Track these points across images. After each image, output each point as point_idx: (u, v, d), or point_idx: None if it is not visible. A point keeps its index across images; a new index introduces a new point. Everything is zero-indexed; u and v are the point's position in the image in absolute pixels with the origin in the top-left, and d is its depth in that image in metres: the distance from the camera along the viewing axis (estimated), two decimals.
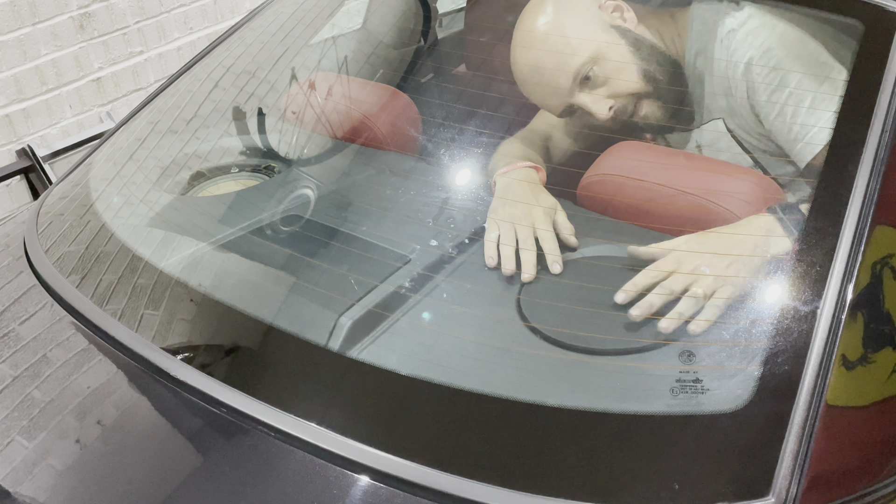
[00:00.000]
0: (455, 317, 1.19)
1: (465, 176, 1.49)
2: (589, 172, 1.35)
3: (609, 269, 1.21)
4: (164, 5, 3.55)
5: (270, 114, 1.72)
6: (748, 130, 1.39)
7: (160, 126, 1.68)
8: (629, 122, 1.46)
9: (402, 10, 2.00)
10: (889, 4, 1.24)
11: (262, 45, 1.79)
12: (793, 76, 1.31)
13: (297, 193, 1.48)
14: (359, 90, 1.72)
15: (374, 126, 1.57)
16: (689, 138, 1.47)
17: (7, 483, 1.07)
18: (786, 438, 0.95)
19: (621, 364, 1.08)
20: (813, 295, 1.03)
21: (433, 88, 1.89)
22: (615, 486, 0.96)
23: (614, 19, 1.46)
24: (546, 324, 1.13)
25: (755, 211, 1.20)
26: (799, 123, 1.28)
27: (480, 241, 1.27)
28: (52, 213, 1.56)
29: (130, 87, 3.52)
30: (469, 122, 1.55)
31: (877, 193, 1.08)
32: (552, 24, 1.45)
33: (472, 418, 1.06)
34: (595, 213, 1.31)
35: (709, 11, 1.45)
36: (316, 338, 1.16)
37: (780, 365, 1.00)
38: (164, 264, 1.34)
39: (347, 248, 1.32)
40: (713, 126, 1.43)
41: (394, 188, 1.45)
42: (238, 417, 1.08)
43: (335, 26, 1.90)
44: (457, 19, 2.16)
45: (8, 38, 3.08)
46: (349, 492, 0.99)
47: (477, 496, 0.96)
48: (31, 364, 1.24)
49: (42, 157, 3.17)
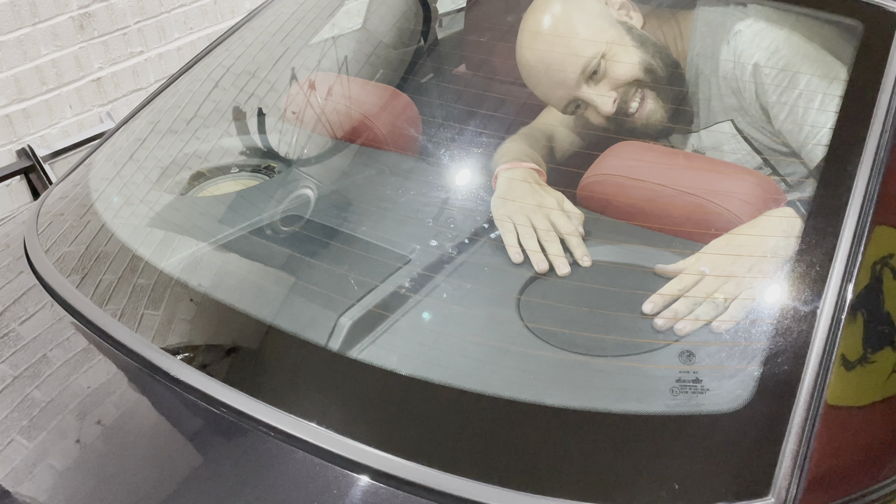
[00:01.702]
0: (455, 317, 1.19)
1: (465, 176, 1.49)
2: (589, 172, 1.35)
3: (609, 269, 1.21)
4: (165, 5, 3.55)
5: (270, 114, 1.71)
6: (759, 130, 1.40)
7: (160, 126, 1.68)
8: (634, 123, 1.46)
9: (402, 10, 2.00)
10: (889, 4, 1.24)
11: (262, 46, 1.79)
12: (798, 76, 1.31)
13: (297, 193, 1.48)
14: (359, 90, 1.72)
15: (374, 126, 1.57)
16: (696, 138, 1.48)
17: (7, 483, 1.07)
18: (786, 438, 0.95)
19: (621, 364, 1.08)
20: (813, 295, 1.03)
21: (433, 88, 1.89)
22: (615, 486, 0.96)
23: (621, 16, 1.48)
24: (546, 324, 1.13)
25: (755, 211, 1.20)
26: (807, 124, 1.28)
27: (480, 241, 1.27)
28: (52, 213, 1.56)
29: (130, 87, 3.52)
30: (469, 122, 1.55)
31: (877, 193, 1.08)
32: (561, 17, 1.46)
33: (472, 418, 1.06)
34: (595, 214, 1.31)
35: (714, 13, 1.46)
36: (316, 338, 1.16)
37: (779, 365, 1.00)
38: (164, 264, 1.34)
39: (347, 248, 1.32)
40: (721, 127, 1.43)
41: (394, 188, 1.45)
42: (238, 417, 1.08)
43: (335, 26, 1.90)
44: (457, 19, 2.16)
45: (8, 38, 3.08)
46: (349, 492, 0.99)
47: (477, 496, 0.96)
48: (31, 364, 1.24)
49: (42, 157, 3.17)
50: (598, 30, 1.45)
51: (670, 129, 1.50)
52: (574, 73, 1.44)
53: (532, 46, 1.47)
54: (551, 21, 1.46)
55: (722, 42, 1.41)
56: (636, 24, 1.48)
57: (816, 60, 1.31)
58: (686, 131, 1.49)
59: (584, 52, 1.43)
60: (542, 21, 1.47)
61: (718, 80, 1.42)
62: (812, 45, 1.33)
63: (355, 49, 1.92)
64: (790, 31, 1.35)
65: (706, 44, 1.45)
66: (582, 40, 1.44)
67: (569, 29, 1.45)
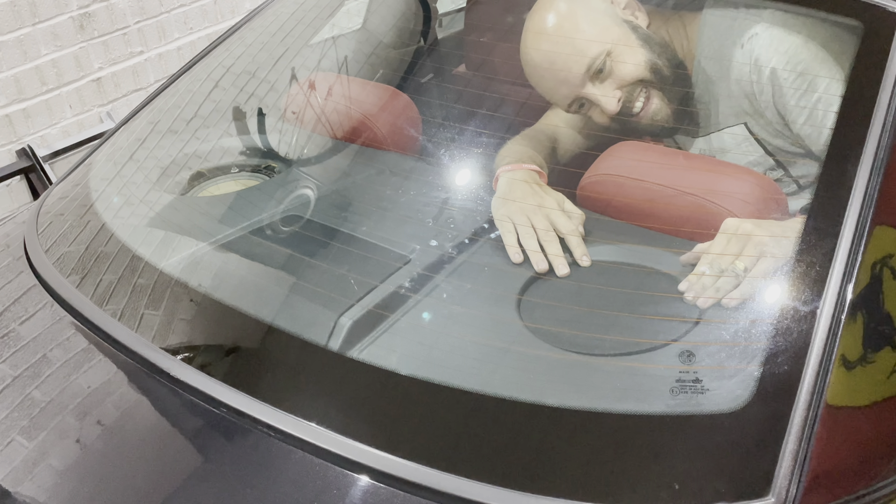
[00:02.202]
0: (455, 317, 1.19)
1: (465, 176, 1.49)
2: (589, 172, 1.35)
3: (609, 269, 1.21)
4: (165, 5, 3.55)
5: (270, 114, 1.71)
6: (774, 133, 1.39)
7: (160, 126, 1.68)
8: (639, 122, 1.46)
9: (402, 10, 2.00)
10: (889, 4, 1.24)
11: (262, 46, 1.79)
12: (818, 80, 1.31)
13: (297, 193, 1.48)
14: (359, 90, 1.72)
15: (374, 126, 1.57)
16: (705, 140, 1.48)
17: (7, 483, 1.07)
18: (786, 438, 0.95)
19: (621, 364, 1.08)
20: (813, 295, 1.03)
21: (433, 88, 1.89)
22: (615, 486, 0.96)
23: (626, 15, 1.48)
24: (546, 324, 1.13)
25: (755, 211, 1.20)
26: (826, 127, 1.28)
27: (480, 241, 1.27)
28: (52, 213, 1.56)
29: (130, 87, 3.52)
30: (469, 123, 1.55)
31: (877, 193, 1.08)
32: (566, 15, 1.47)
33: (472, 418, 1.06)
34: (595, 214, 1.31)
35: (723, 16, 1.46)
36: (316, 338, 1.16)
37: (779, 365, 1.00)
38: (164, 264, 1.34)
39: (347, 248, 1.32)
40: (734, 130, 1.43)
41: (394, 188, 1.45)
42: (238, 417, 1.08)
43: (335, 26, 1.90)
44: (457, 19, 2.16)
45: (8, 38, 3.08)
46: (349, 492, 0.99)
47: (477, 496, 0.96)
48: (31, 364, 1.24)
49: (42, 157, 3.17)
50: (604, 28, 1.45)
51: (675, 129, 1.50)
52: (579, 71, 1.44)
53: (537, 45, 1.47)
54: (556, 19, 1.46)
55: (735, 45, 1.40)
56: (641, 24, 1.48)
57: (830, 63, 1.31)
58: (692, 133, 1.49)
59: (589, 50, 1.43)
60: (547, 19, 1.47)
61: (730, 82, 1.42)
62: (825, 49, 1.32)
63: (355, 49, 1.92)
64: (806, 35, 1.35)
65: (715, 46, 1.44)
66: (587, 39, 1.43)
67: (573, 27, 1.45)
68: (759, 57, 1.36)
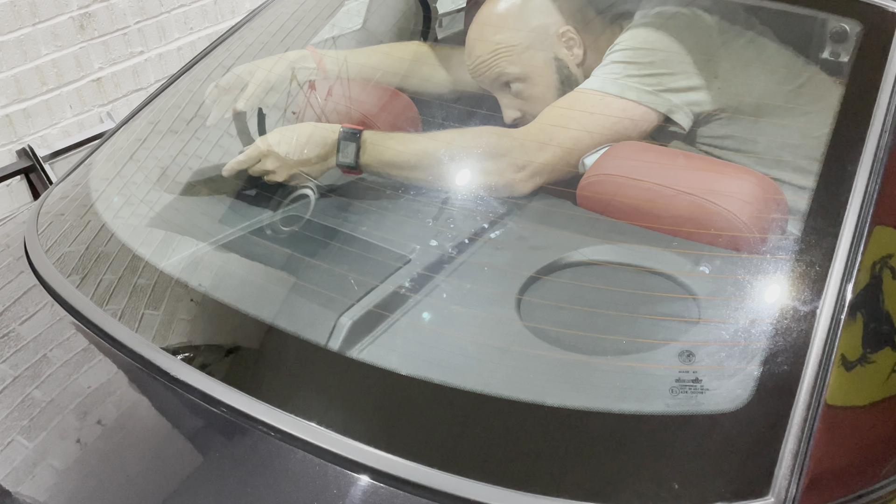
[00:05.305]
0: (455, 317, 1.19)
1: (465, 176, 1.49)
2: (589, 172, 1.35)
3: (609, 269, 1.21)
4: (165, 5, 3.56)
5: (270, 114, 1.71)
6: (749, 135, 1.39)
7: (160, 126, 1.68)
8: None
9: (402, 10, 2.00)
10: (889, 4, 1.24)
11: (262, 46, 1.79)
12: (792, 76, 1.31)
13: (298, 193, 1.48)
14: (359, 90, 1.72)
15: (373, 126, 1.57)
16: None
17: (7, 483, 1.07)
18: (785, 438, 0.95)
19: (621, 364, 1.08)
20: (812, 295, 1.03)
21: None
22: (615, 486, 0.96)
23: (560, 49, 1.50)
24: (546, 324, 1.13)
25: (755, 210, 1.20)
26: (800, 125, 1.28)
27: (481, 241, 1.27)
28: (52, 213, 1.56)
29: (131, 87, 3.52)
30: (468, 122, 1.55)
31: (876, 193, 1.08)
32: (510, 20, 1.52)
33: (471, 418, 1.06)
34: (595, 214, 1.31)
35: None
36: (316, 338, 1.16)
37: (779, 365, 1.00)
38: (165, 264, 1.34)
39: (347, 247, 1.32)
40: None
41: (394, 188, 1.45)
42: (238, 417, 1.08)
43: (335, 26, 1.90)
44: (457, 19, 2.16)
45: (8, 38, 3.08)
46: (349, 492, 0.99)
47: (477, 496, 0.96)
48: (31, 364, 1.24)
49: (42, 157, 3.17)
50: (531, 51, 1.50)
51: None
52: (492, 74, 1.52)
53: (476, 29, 1.54)
54: (499, 20, 1.52)
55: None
56: (572, 61, 1.50)
57: (813, 60, 1.31)
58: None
59: (508, 64, 1.50)
60: (494, 13, 1.53)
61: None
62: (811, 46, 1.33)
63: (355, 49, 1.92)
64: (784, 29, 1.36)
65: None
66: (513, 53, 1.50)
67: (508, 34, 1.51)
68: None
